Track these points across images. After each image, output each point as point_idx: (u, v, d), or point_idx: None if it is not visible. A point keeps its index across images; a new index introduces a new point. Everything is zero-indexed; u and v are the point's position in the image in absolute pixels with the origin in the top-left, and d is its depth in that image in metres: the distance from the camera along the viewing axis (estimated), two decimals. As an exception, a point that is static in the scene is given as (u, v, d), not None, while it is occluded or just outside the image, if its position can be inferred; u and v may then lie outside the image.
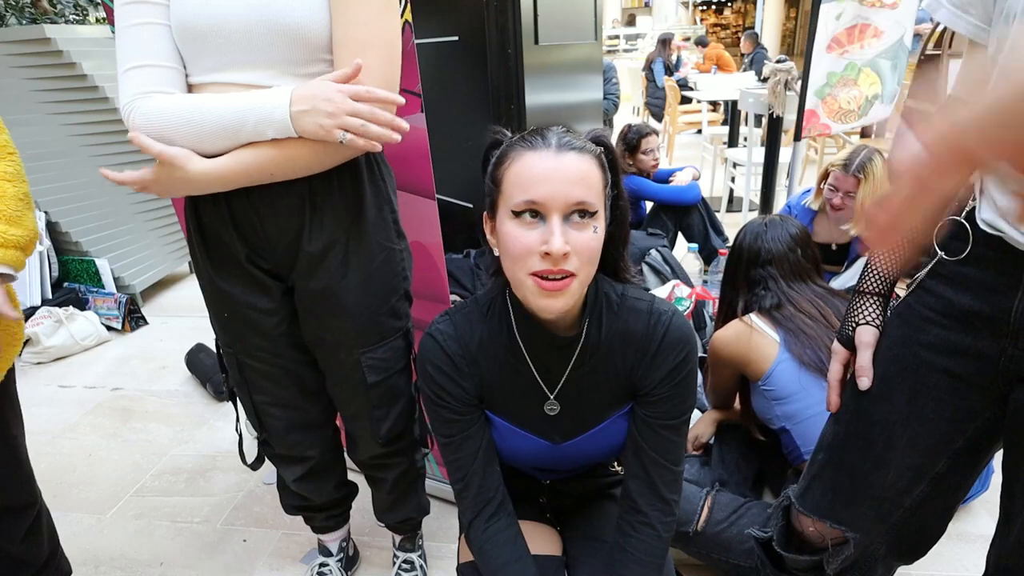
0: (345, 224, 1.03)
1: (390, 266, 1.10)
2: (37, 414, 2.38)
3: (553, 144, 0.76)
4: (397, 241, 1.12)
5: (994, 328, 0.75)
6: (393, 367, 1.17)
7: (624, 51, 12.21)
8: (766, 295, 1.45)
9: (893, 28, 2.68)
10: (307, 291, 1.07)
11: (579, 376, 0.91)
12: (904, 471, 0.88)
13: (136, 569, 1.62)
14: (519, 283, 0.79)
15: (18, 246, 0.98)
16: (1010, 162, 0.52)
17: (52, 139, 2.97)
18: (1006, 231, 0.70)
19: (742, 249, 1.52)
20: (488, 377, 0.92)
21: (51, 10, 3.93)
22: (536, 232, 0.75)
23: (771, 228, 1.50)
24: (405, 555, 1.51)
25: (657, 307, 0.88)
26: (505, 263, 0.81)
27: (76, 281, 3.17)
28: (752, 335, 1.39)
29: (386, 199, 1.09)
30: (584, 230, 0.76)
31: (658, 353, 0.87)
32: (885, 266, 0.89)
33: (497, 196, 0.80)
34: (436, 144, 1.27)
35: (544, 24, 1.58)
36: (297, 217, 1.00)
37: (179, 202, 1.69)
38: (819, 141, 4.63)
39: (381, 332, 1.13)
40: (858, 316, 0.90)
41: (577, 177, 0.75)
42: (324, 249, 1.03)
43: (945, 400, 0.82)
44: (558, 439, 0.95)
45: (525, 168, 0.76)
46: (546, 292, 0.76)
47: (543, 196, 0.74)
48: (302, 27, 0.89)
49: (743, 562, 1.29)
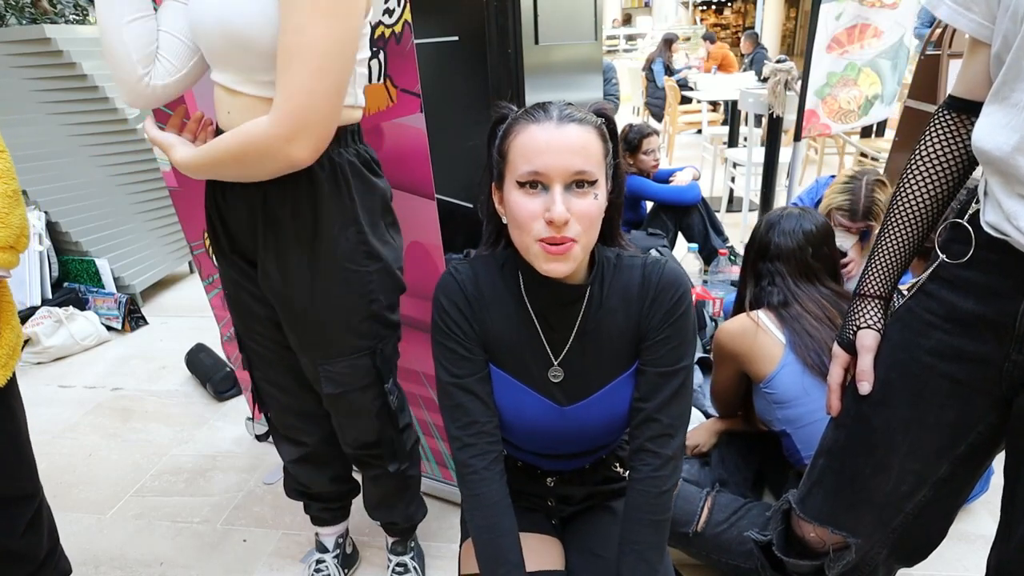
0: (297, 237, 1.03)
1: (351, 287, 1.07)
2: (37, 414, 2.38)
3: (555, 116, 0.80)
4: (365, 263, 1.07)
5: (998, 333, 0.74)
6: (353, 384, 1.15)
7: (624, 51, 12.21)
8: (773, 291, 1.41)
9: (893, 28, 2.68)
10: (269, 293, 1.11)
11: (584, 337, 0.92)
12: (906, 476, 0.87)
13: (136, 569, 1.62)
14: (526, 248, 0.83)
15: (4, 247, 0.99)
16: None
17: (52, 139, 2.97)
18: (1012, 235, 0.69)
19: (755, 239, 1.47)
20: (495, 328, 0.93)
21: (51, 10, 3.93)
22: (539, 200, 0.80)
23: (785, 221, 1.44)
24: (398, 558, 1.51)
25: (650, 259, 0.93)
26: (513, 231, 0.85)
27: (76, 281, 3.17)
28: (758, 333, 1.36)
29: (352, 219, 1.04)
30: (585, 198, 0.80)
31: (656, 297, 0.90)
32: (886, 268, 0.88)
33: (504, 167, 0.84)
34: (436, 144, 1.27)
35: (544, 24, 1.58)
36: (252, 220, 1.04)
37: (179, 203, 1.69)
38: (819, 141, 4.63)
39: (338, 348, 1.11)
40: (859, 319, 0.89)
41: (578, 147, 0.79)
42: (275, 257, 1.05)
43: (947, 405, 0.81)
44: (563, 401, 0.95)
45: (529, 139, 0.80)
46: (551, 256, 0.80)
47: (545, 166, 0.78)
48: (247, 35, 0.89)
49: (743, 563, 1.29)
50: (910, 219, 0.84)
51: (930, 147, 0.82)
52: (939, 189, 0.82)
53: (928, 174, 0.82)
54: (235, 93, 0.96)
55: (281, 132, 0.88)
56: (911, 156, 0.84)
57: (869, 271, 0.89)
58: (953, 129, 0.80)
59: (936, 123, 0.82)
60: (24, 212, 1.03)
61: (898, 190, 0.85)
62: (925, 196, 0.83)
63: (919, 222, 0.84)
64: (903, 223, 0.85)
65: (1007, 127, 0.67)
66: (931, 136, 0.82)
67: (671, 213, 2.92)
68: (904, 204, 0.84)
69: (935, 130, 0.82)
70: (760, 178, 3.33)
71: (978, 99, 0.75)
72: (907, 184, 0.84)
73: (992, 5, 0.70)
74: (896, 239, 0.86)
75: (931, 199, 0.83)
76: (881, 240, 0.87)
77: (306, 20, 0.84)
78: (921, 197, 0.83)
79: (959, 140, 0.80)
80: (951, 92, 0.81)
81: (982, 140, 0.70)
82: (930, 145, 0.82)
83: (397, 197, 1.33)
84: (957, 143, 0.80)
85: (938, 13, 0.76)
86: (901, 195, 0.84)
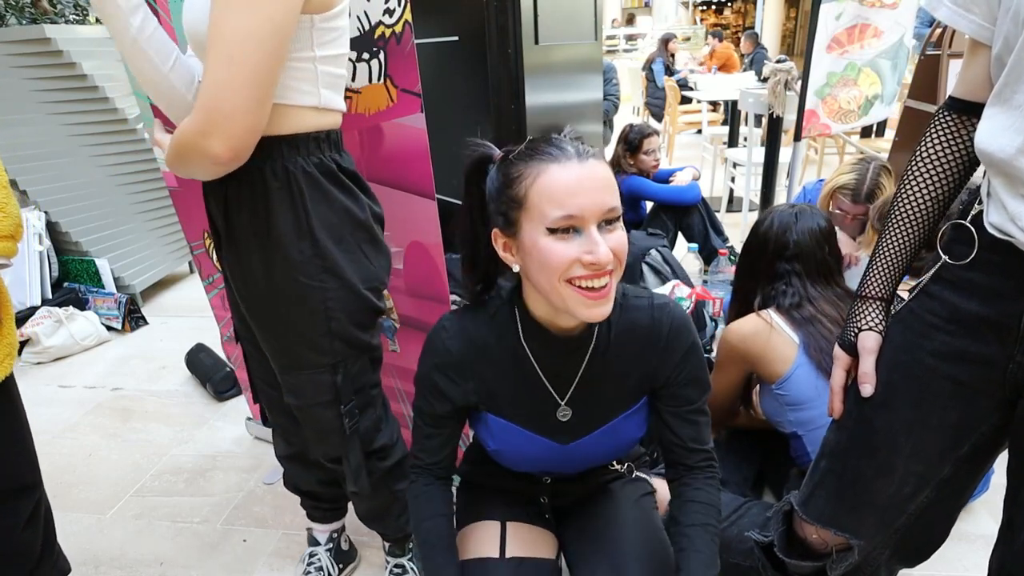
0: (253, 243, 1.01)
1: (305, 301, 1.02)
2: (37, 414, 2.37)
3: (573, 153, 0.77)
4: (320, 278, 1.01)
5: (1001, 334, 0.74)
6: (314, 398, 1.11)
7: (624, 51, 12.21)
8: (787, 292, 1.36)
9: (893, 28, 2.68)
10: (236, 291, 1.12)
11: (590, 378, 0.91)
12: (908, 478, 0.87)
13: (136, 569, 1.62)
14: (557, 293, 0.79)
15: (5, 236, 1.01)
16: None
17: (52, 139, 2.97)
18: (1016, 236, 0.69)
19: (768, 238, 1.40)
20: (491, 380, 0.93)
21: (51, 10, 3.93)
22: (575, 244, 0.76)
23: (801, 219, 1.39)
24: (395, 560, 1.50)
25: (656, 300, 0.93)
26: (539, 276, 0.80)
27: (76, 281, 3.17)
28: (772, 333, 1.32)
29: (306, 232, 0.99)
30: (615, 232, 0.78)
31: (668, 344, 0.90)
32: (888, 269, 0.88)
33: (519, 213, 0.79)
34: (436, 144, 1.27)
35: (544, 24, 1.58)
36: (217, 217, 1.06)
37: (179, 203, 1.69)
38: (819, 141, 4.63)
39: (295, 360, 1.08)
40: (860, 321, 0.89)
41: (606, 183, 0.77)
42: (236, 260, 1.06)
43: (950, 407, 0.81)
44: (566, 439, 0.96)
45: (555, 182, 0.76)
46: (592, 301, 0.78)
47: (580, 208, 0.75)
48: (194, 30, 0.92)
49: (743, 562, 1.29)
50: (912, 220, 0.84)
51: (931, 148, 0.82)
52: (940, 190, 0.82)
53: (929, 175, 0.82)
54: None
55: (195, 127, 0.86)
56: (912, 157, 0.84)
57: (871, 272, 0.89)
58: (954, 130, 0.80)
59: (936, 124, 0.82)
60: (16, 201, 1.05)
61: (899, 191, 0.85)
62: (926, 196, 0.83)
63: (921, 223, 0.84)
64: (905, 224, 0.85)
65: (1010, 129, 0.67)
66: (932, 137, 0.82)
67: (671, 213, 2.92)
68: (906, 205, 0.84)
69: (936, 131, 0.82)
70: (760, 178, 3.33)
71: (979, 100, 0.75)
72: (908, 185, 0.84)
73: (993, 6, 0.70)
74: (898, 240, 0.86)
75: (932, 200, 0.83)
76: (883, 241, 0.87)
77: (218, 12, 0.84)
78: (922, 197, 0.83)
79: (960, 141, 0.80)
80: (951, 93, 0.81)
81: (985, 142, 0.70)
82: (931, 146, 0.82)
83: (397, 197, 1.33)
84: (958, 144, 0.80)
85: (938, 14, 0.76)
86: (902, 196, 0.84)
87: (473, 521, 1.06)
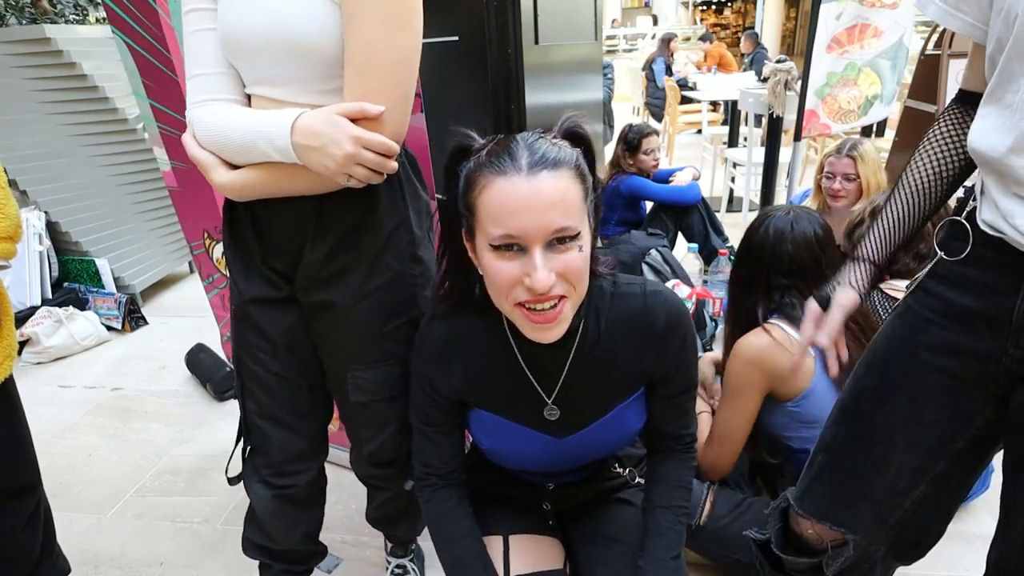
0: (349, 239, 1.02)
1: (396, 289, 1.05)
2: (37, 414, 2.37)
3: (524, 165, 0.71)
4: (411, 265, 1.05)
5: (994, 329, 0.75)
6: (383, 392, 1.11)
7: (624, 51, 12.21)
8: (796, 303, 1.26)
9: (893, 28, 2.68)
10: (307, 300, 1.07)
11: (578, 372, 0.90)
12: (904, 472, 0.87)
13: (136, 569, 1.62)
14: (508, 313, 0.79)
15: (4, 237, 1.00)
16: None
17: (52, 139, 2.97)
18: (1007, 232, 0.70)
19: (763, 249, 1.31)
20: (479, 372, 0.91)
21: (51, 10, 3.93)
22: (518, 263, 0.72)
23: (797, 226, 1.29)
24: (397, 560, 1.50)
25: (649, 287, 0.90)
26: (491, 292, 0.79)
27: (76, 281, 3.17)
28: (791, 345, 1.21)
29: (403, 219, 1.03)
30: (568, 252, 0.73)
31: (665, 338, 0.89)
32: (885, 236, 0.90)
33: (473, 223, 0.76)
34: (436, 144, 1.27)
35: (544, 24, 1.58)
36: (303, 228, 1.01)
37: (179, 203, 1.69)
38: (819, 141, 4.63)
39: (376, 353, 1.09)
40: (844, 277, 0.92)
41: (554, 200, 0.70)
42: (324, 261, 1.02)
43: (945, 401, 0.82)
44: (560, 433, 0.95)
45: (498, 197, 0.71)
46: (538, 325, 0.76)
47: (520, 229, 0.70)
48: (313, 44, 0.89)
49: (744, 557, 1.29)
50: (916, 191, 0.87)
51: (940, 131, 0.85)
52: (946, 169, 0.85)
53: (937, 154, 0.85)
54: (284, 104, 0.94)
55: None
56: (923, 138, 0.87)
57: (868, 236, 0.91)
58: (961, 120, 0.84)
59: (947, 112, 0.86)
60: (15, 202, 1.05)
61: (908, 165, 0.88)
62: (931, 172, 0.85)
63: (924, 196, 0.87)
64: (909, 193, 0.87)
65: (1001, 128, 0.68)
66: (942, 122, 0.86)
67: (671, 213, 2.92)
68: (912, 176, 0.87)
69: (945, 118, 0.86)
70: (760, 178, 3.33)
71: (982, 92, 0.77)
72: (917, 159, 0.87)
73: (984, 7, 0.71)
74: (899, 208, 0.88)
75: (936, 176, 0.85)
76: (886, 208, 0.90)
77: (377, 32, 0.85)
78: (927, 172, 0.86)
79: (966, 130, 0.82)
80: (961, 86, 0.85)
81: (977, 141, 0.72)
82: (940, 129, 0.85)
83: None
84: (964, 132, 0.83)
85: (927, 12, 0.78)
86: (911, 169, 0.88)
87: None
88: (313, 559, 1.33)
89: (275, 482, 1.19)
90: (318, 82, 0.93)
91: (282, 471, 1.18)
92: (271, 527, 1.23)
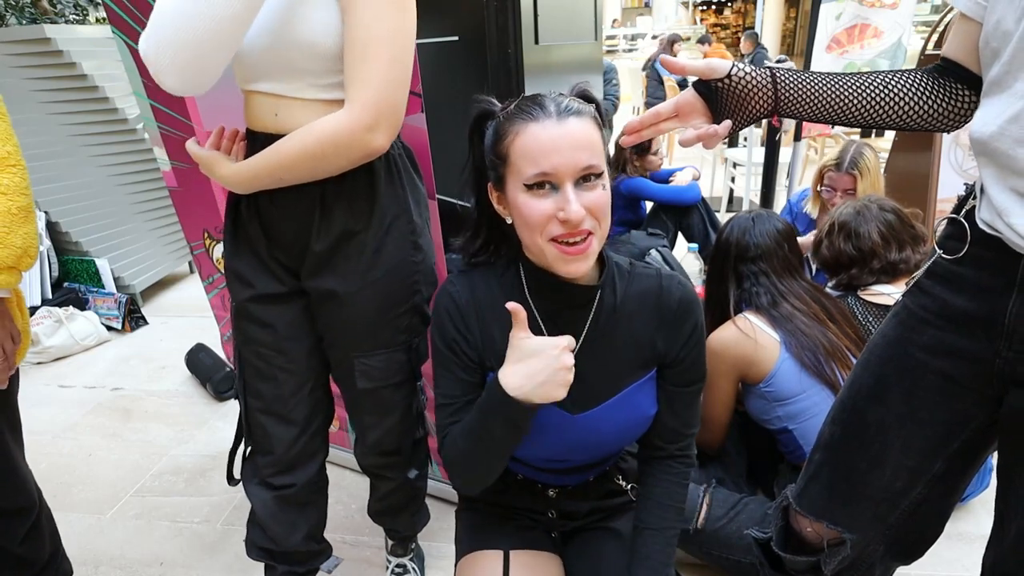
0: (352, 227, 1.04)
1: (398, 277, 1.08)
2: (37, 414, 2.38)
3: (553, 112, 0.79)
4: (412, 253, 1.09)
5: (989, 330, 0.74)
6: (388, 379, 1.15)
7: (624, 51, 12.21)
8: (760, 291, 1.42)
9: (893, 28, 2.69)
10: (313, 289, 1.09)
11: (593, 341, 0.91)
12: (900, 472, 0.87)
13: (136, 569, 1.62)
14: (539, 250, 0.82)
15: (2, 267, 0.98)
16: None
17: (52, 139, 2.97)
18: (1003, 231, 0.70)
19: (729, 244, 1.48)
20: (498, 337, 0.91)
21: (51, 10, 3.94)
22: (550, 201, 0.79)
23: (759, 223, 1.47)
24: (397, 560, 1.50)
25: (665, 273, 0.94)
26: (523, 232, 0.84)
27: (76, 281, 3.18)
28: (756, 334, 1.36)
29: (404, 208, 1.07)
30: (594, 190, 0.80)
31: (678, 317, 0.91)
32: (805, 79, 0.83)
33: (504, 169, 0.83)
34: (436, 144, 1.27)
35: (544, 24, 1.58)
36: (308, 217, 1.04)
37: (179, 203, 1.69)
38: (819, 141, 4.63)
39: (379, 340, 1.11)
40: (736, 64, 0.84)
41: (584, 142, 0.78)
42: (330, 250, 1.05)
43: (940, 402, 0.82)
44: (574, 409, 0.93)
45: (532, 140, 0.78)
46: (570, 256, 0.80)
47: (553, 166, 0.77)
48: (317, 42, 0.92)
49: (743, 558, 1.29)
50: (859, 84, 0.82)
51: (909, 72, 0.82)
52: (889, 91, 0.80)
53: (895, 79, 0.81)
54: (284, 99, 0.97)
55: (364, 122, 0.91)
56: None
57: (792, 72, 0.84)
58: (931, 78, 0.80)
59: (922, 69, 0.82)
60: (34, 230, 1.02)
61: (868, 74, 0.83)
62: (877, 83, 0.81)
63: (854, 90, 0.81)
64: (853, 79, 0.82)
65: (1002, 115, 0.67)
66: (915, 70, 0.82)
67: (671, 213, 2.92)
68: (861, 78, 0.82)
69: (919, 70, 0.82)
70: (760, 178, 3.33)
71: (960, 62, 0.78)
72: (874, 73, 0.83)
73: None
74: (839, 80, 0.82)
75: (881, 89, 0.81)
76: (825, 73, 0.84)
77: (375, 14, 0.89)
78: (874, 81, 0.81)
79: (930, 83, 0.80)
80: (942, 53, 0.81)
81: (978, 130, 0.70)
82: (910, 71, 0.82)
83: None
84: (926, 83, 0.80)
85: None
86: (872, 75, 0.82)
87: (476, 549, 1.04)
88: (317, 559, 1.32)
89: (274, 482, 1.19)
90: (322, 76, 0.95)
91: (283, 468, 1.18)
92: (272, 528, 1.22)
